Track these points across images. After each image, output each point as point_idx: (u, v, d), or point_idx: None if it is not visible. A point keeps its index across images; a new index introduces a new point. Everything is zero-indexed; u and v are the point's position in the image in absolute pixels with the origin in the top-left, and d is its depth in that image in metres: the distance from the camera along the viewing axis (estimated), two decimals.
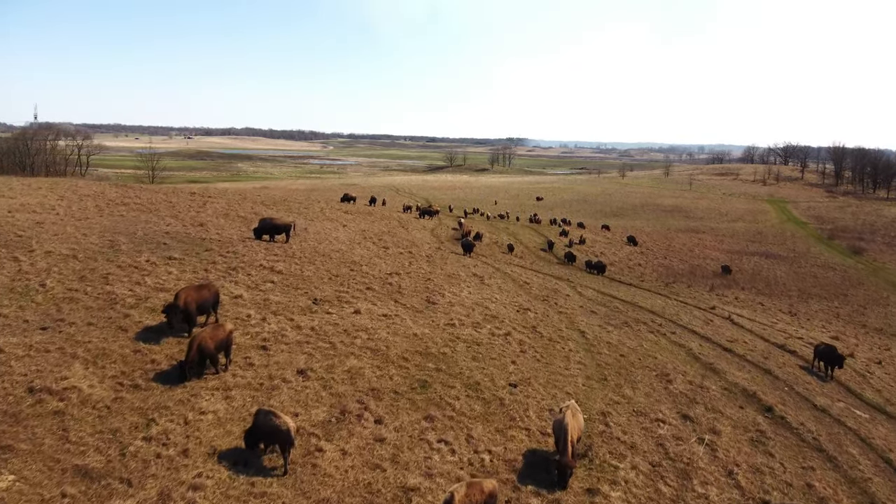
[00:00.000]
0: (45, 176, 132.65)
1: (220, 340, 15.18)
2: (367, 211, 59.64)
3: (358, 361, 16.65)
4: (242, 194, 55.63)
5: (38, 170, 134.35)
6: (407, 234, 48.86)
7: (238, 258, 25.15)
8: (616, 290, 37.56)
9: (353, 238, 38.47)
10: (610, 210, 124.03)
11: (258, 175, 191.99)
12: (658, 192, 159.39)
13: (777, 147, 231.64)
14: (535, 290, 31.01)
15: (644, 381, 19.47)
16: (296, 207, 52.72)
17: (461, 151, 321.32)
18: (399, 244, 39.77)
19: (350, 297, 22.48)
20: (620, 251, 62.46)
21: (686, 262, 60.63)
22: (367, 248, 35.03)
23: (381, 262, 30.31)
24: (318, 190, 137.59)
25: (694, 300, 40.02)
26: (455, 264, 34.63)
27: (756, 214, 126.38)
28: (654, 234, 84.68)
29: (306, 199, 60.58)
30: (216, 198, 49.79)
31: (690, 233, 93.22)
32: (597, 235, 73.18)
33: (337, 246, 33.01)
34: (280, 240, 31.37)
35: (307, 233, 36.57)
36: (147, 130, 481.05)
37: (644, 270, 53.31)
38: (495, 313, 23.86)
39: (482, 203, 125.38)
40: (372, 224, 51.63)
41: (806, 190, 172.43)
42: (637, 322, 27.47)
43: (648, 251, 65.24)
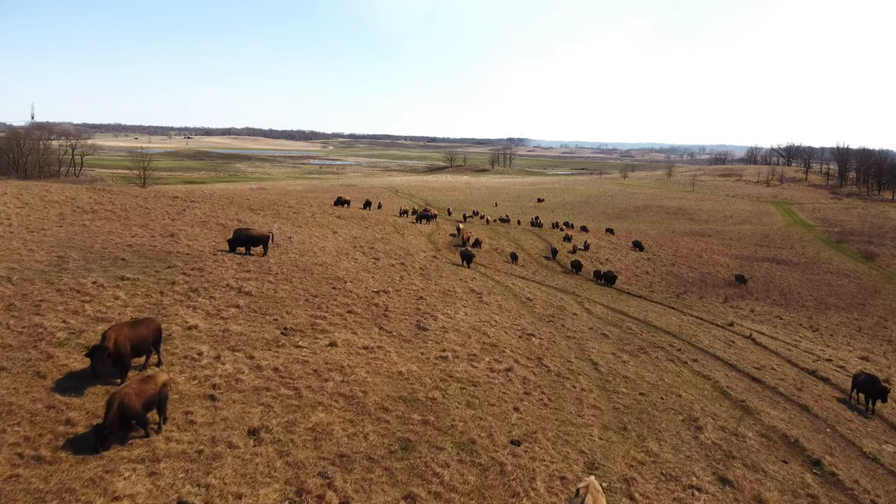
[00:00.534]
0: (39, 177, 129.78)
1: (149, 396, 12.09)
2: (360, 215, 56.51)
3: (326, 415, 13.54)
4: (229, 198, 52.53)
5: (32, 170, 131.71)
6: (402, 241, 45.75)
7: (203, 277, 22.04)
8: (626, 304, 34.43)
9: (341, 248, 35.35)
10: (612, 212, 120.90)
11: (256, 175, 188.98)
12: (661, 193, 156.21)
13: (780, 148, 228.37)
14: (539, 307, 27.87)
15: (670, 428, 16.37)
16: (285, 212, 49.62)
17: (461, 152, 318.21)
18: (392, 254, 36.65)
19: (327, 323, 19.35)
20: (626, 257, 59.33)
21: (695, 270, 57.50)
22: (356, 259, 31.90)
23: (369, 278, 27.19)
24: (316, 191, 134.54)
25: (709, 315, 36.89)
26: (452, 278, 31.50)
27: (761, 217, 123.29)
28: (659, 239, 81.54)
29: (298, 202, 57.56)
30: (199, 202, 46.69)
31: (696, 236, 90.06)
32: (601, 240, 70.04)
33: (321, 258, 29.89)
34: (257, 252, 28.29)
35: (291, 242, 33.47)
36: (147, 130, 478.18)
37: (653, 279, 50.17)
38: (495, 340, 20.73)
39: (482, 205, 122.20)
40: (365, 230, 48.51)
41: (810, 191, 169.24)
42: (654, 347, 24.35)
43: (655, 257, 62.11)
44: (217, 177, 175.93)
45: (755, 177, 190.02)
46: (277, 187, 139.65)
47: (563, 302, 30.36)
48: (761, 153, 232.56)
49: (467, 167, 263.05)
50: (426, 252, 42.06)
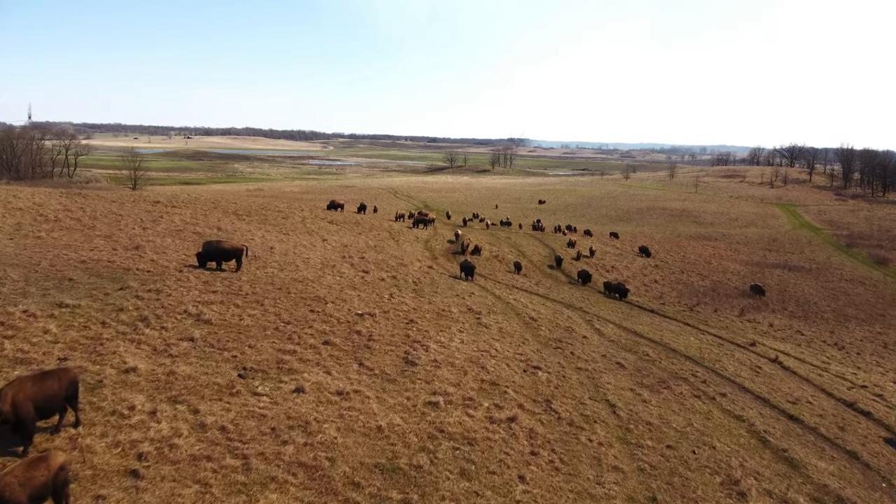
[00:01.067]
0: (32, 178, 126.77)
1: (38, 486, 9.09)
2: (354, 220, 53.50)
3: (280, 496, 10.53)
4: (215, 202, 49.53)
5: (25, 171, 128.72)
6: (396, 250, 42.74)
7: (159, 301, 19.03)
8: (639, 321, 31.36)
9: (328, 258, 32.33)
10: (616, 214, 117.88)
11: (254, 176, 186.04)
12: (664, 194, 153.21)
13: (782, 148, 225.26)
14: (545, 329, 24.82)
15: (708, 495, 13.35)
16: (273, 217, 46.64)
17: (462, 152, 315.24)
18: (383, 265, 33.63)
19: (297, 360, 16.32)
20: (633, 264, 56.26)
21: (706, 278, 54.42)
22: (342, 273, 28.86)
23: (355, 296, 24.16)
24: (312, 192, 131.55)
25: (728, 332, 33.81)
26: (448, 293, 28.47)
27: (767, 219, 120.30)
28: (665, 243, 78.47)
29: (288, 206, 54.57)
30: (181, 207, 43.72)
31: (703, 240, 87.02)
32: (605, 245, 66.98)
33: (303, 272, 26.88)
34: (230, 267, 25.28)
35: (272, 253, 30.47)
36: (147, 130, 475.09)
37: (663, 289, 47.10)
38: (495, 377, 17.69)
39: (482, 207, 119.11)
40: (357, 237, 45.51)
41: (814, 192, 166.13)
42: (676, 378, 21.32)
43: (663, 264, 59.03)
44: (214, 177, 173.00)
45: (759, 178, 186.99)
46: (274, 188, 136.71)
47: (570, 321, 27.29)
48: (764, 154, 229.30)
49: (468, 168, 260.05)
50: (421, 262, 39.04)
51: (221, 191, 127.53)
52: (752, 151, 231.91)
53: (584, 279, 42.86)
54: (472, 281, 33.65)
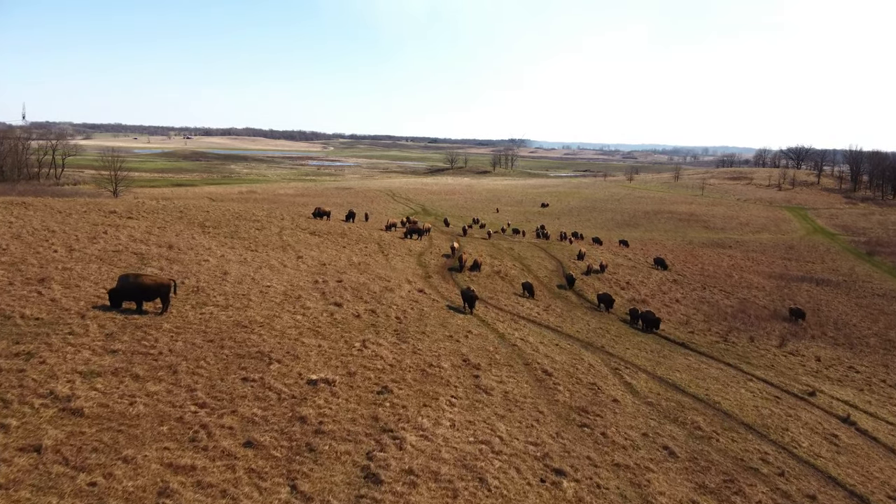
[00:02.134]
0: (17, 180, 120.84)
1: None
2: (340, 231, 47.57)
3: None
4: (182, 211, 43.65)
5: (10, 173, 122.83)
6: (384, 267, 36.84)
7: (23, 372, 13.14)
8: (673, 363, 25.42)
9: (295, 285, 26.40)
10: (622, 218, 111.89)
11: (250, 177, 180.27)
12: (669, 197, 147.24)
13: (789, 150, 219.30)
14: (564, 390, 18.84)
15: None
16: (245, 229, 40.75)
17: (463, 153, 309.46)
18: (363, 292, 27.70)
19: (192, 485, 10.44)
20: (650, 279, 50.29)
21: (731, 296, 48.44)
22: (306, 307, 22.90)
23: (314, 347, 18.24)
24: (307, 195, 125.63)
25: (777, 373, 27.85)
26: (439, 334, 22.54)
27: (779, 223, 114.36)
28: (678, 252, 72.51)
29: (268, 214, 48.70)
30: (138, 218, 37.87)
31: (717, 248, 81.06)
32: (617, 255, 61.01)
33: (254, 311, 20.97)
34: (155, 308, 19.40)
35: (224, 281, 24.57)
36: (148, 130, 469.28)
37: (687, 311, 41.16)
38: (500, 500, 11.79)
39: (483, 210, 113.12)
40: (340, 251, 39.60)
41: (823, 195, 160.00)
42: (745, 471, 15.39)
43: (682, 277, 53.07)
44: (209, 179, 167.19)
45: (766, 180, 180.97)
46: (268, 191, 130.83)
47: (594, 373, 21.30)
48: (770, 155, 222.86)
49: (468, 169, 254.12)
50: (412, 283, 33.11)
51: (212, 193, 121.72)
52: (758, 153, 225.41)
53: (607, 304, 36.71)
54: (470, 314, 27.61)
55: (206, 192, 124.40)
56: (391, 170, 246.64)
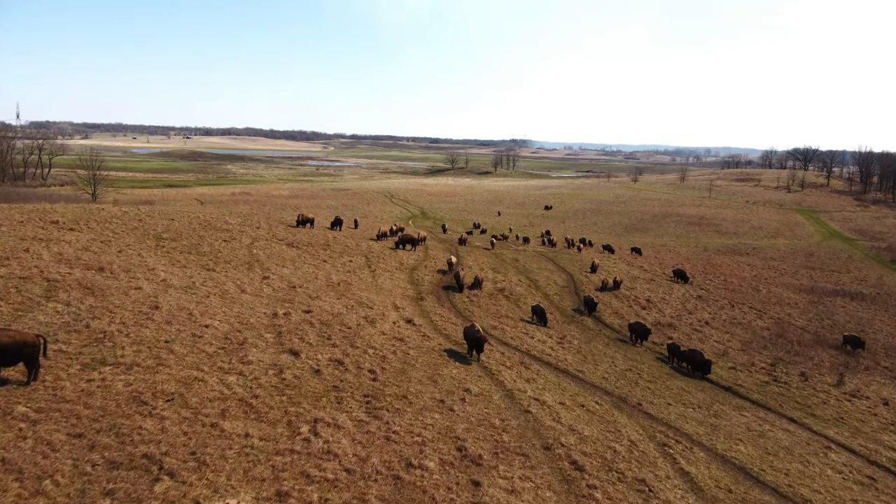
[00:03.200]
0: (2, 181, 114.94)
1: None
2: (323, 241, 41.59)
3: None
4: (140, 220, 37.72)
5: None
6: (367, 288, 30.92)
7: None
8: (732, 433, 19.36)
9: (244, 322, 20.44)
10: (629, 222, 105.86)
11: (246, 178, 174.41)
12: (676, 199, 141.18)
13: (796, 150, 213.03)
14: (604, 498, 12.91)
15: None
16: (210, 241, 34.83)
17: (464, 153, 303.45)
18: (333, 329, 21.78)
19: None
20: (671, 295, 44.31)
21: (763, 315, 42.44)
22: (248, 362, 16.92)
23: (236, 442, 12.26)
24: (302, 196, 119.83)
25: (853, 435, 21.83)
26: (427, 397, 16.57)
27: (793, 228, 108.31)
28: (695, 261, 66.53)
29: (241, 223, 42.78)
30: (81, 230, 31.95)
31: (734, 255, 75.03)
32: (631, 266, 55.00)
33: (168, 370, 15.03)
34: (17, 375, 13.51)
35: (149, 318, 18.65)
36: (148, 130, 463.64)
37: (721, 336, 35.19)
38: None
39: (484, 213, 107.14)
40: (319, 268, 33.66)
41: (834, 198, 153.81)
42: None
43: (705, 293, 47.07)
44: (203, 179, 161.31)
45: (774, 182, 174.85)
46: (262, 192, 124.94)
47: (639, 459, 15.23)
48: (777, 156, 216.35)
49: (469, 169, 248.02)
50: (399, 311, 27.16)
51: (203, 195, 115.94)
52: (765, 154, 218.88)
53: (640, 336, 30.36)
54: (472, 362, 21.51)
55: (196, 193, 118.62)
56: (391, 170, 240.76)
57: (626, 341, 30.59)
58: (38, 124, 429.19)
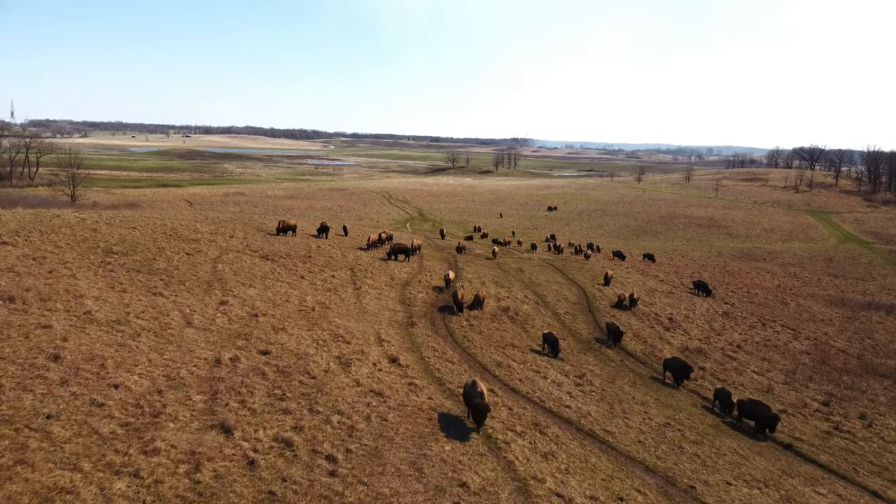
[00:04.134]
0: None
1: None
2: (304, 251, 36.59)
3: None
4: (95, 229, 32.75)
5: None
6: (348, 312, 25.97)
7: None
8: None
9: (171, 375, 15.42)
10: (636, 224, 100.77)
11: (242, 177, 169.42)
12: (682, 199, 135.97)
13: (803, 150, 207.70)
14: None
15: None
16: (169, 254, 29.85)
17: (464, 152, 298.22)
18: (293, 381, 16.82)
19: None
20: (695, 312, 39.28)
21: (798, 334, 37.39)
22: (155, 451, 11.83)
23: None
24: (298, 196, 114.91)
25: None
26: (408, 497, 11.72)
27: (806, 230, 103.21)
28: (710, 267, 61.48)
29: (214, 231, 37.76)
30: (15, 244, 27.03)
31: (750, 261, 69.93)
32: (646, 276, 49.97)
33: (32, 474, 10.14)
34: None
35: (48, 371, 13.73)
36: (148, 128, 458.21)
37: (759, 365, 30.13)
38: None
39: (485, 215, 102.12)
40: (293, 286, 28.66)
41: (843, 198, 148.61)
42: None
43: (731, 308, 42.01)
44: (198, 179, 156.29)
45: (782, 182, 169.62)
46: (256, 192, 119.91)
47: None
48: (783, 156, 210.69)
49: (470, 168, 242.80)
50: (384, 345, 22.17)
51: (194, 195, 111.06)
52: (771, 153, 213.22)
53: (679, 376, 24.92)
54: (474, 435, 16.40)
55: (188, 193, 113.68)
56: (391, 169, 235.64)
57: (658, 378, 25.52)
58: (38, 123, 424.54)
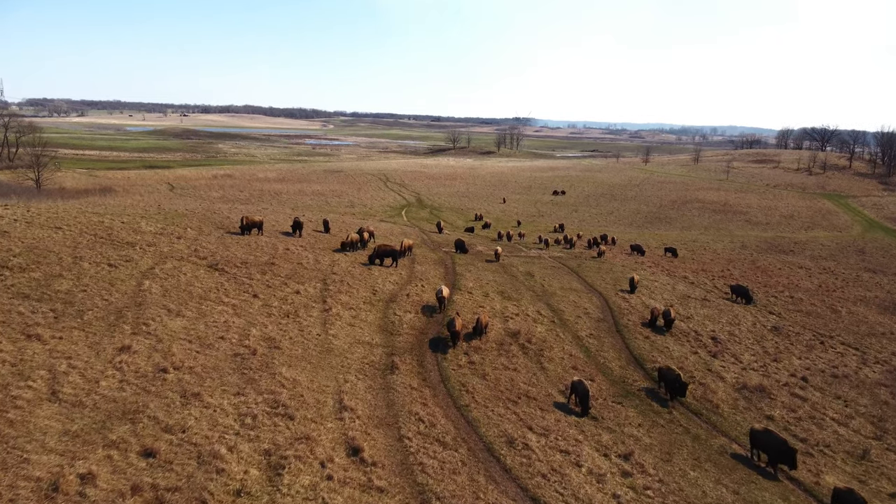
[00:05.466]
0: None
1: None
2: (268, 256, 29.45)
3: None
4: (6, 231, 25.70)
5: None
6: (303, 356, 18.97)
7: None
8: None
9: None
10: (648, 210, 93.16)
11: (236, 158, 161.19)
12: (692, 182, 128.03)
13: (814, 130, 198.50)
14: None
15: None
16: (87, 266, 22.70)
17: (466, 132, 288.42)
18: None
19: None
20: (739, 326, 32.20)
21: (867, 356, 30.24)
22: None
23: None
24: (290, 179, 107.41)
25: None
26: None
27: (827, 216, 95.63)
28: (739, 262, 54.27)
29: (160, 230, 30.55)
30: None
31: (778, 254, 62.69)
32: (673, 277, 42.80)
33: None
34: None
35: None
36: (146, 107, 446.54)
37: (836, 407, 23.12)
38: None
39: (488, 200, 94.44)
40: (239, 312, 21.51)
41: (858, 181, 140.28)
42: None
43: (777, 318, 34.91)
44: (189, 160, 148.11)
45: (794, 163, 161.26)
46: (247, 174, 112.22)
47: None
48: (793, 136, 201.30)
49: (471, 149, 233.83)
50: (344, 418, 15.12)
51: (180, 177, 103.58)
52: (780, 133, 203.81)
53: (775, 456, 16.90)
54: None
55: (174, 176, 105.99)
56: (390, 149, 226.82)
57: (739, 456, 18.40)
58: (35, 102, 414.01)
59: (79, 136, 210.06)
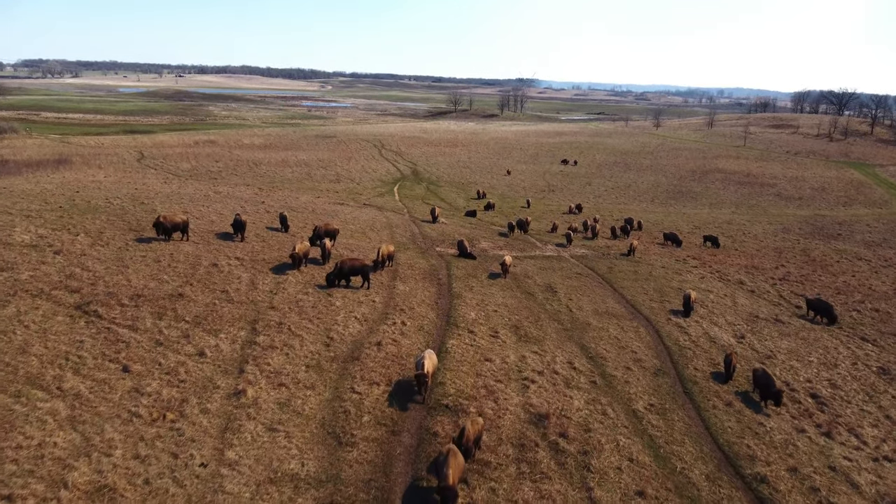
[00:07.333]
0: None
1: None
2: (179, 282, 19.88)
3: None
4: None
5: None
6: None
7: None
8: None
9: None
10: (668, 182, 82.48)
11: (227, 121, 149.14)
12: (709, 149, 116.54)
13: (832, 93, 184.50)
14: None
15: None
16: None
17: (468, 93, 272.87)
18: None
19: None
20: (836, 369, 22.90)
21: None
22: None
23: None
24: (276, 147, 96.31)
25: None
26: None
27: (860, 189, 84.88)
28: (789, 255, 44.56)
29: (46, 235, 21.14)
30: None
31: (825, 240, 52.68)
32: (727, 282, 33.22)
33: None
34: None
35: None
36: (141, 68, 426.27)
37: None
38: None
39: (491, 172, 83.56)
40: (70, 426, 12.01)
41: (881, 148, 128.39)
42: None
43: (878, 350, 25.66)
44: (176, 123, 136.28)
45: (813, 129, 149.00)
46: (230, 140, 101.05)
47: None
48: (809, 100, 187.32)
49: (473, 112, 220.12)
50: None
51: (159, 143, 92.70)
52: (796, 96, 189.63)
53: None
54: None
55: (152, 142, 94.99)
56: (389, 112, 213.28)
57: None
58: (30, 63, 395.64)
59: (66, 99, 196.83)
